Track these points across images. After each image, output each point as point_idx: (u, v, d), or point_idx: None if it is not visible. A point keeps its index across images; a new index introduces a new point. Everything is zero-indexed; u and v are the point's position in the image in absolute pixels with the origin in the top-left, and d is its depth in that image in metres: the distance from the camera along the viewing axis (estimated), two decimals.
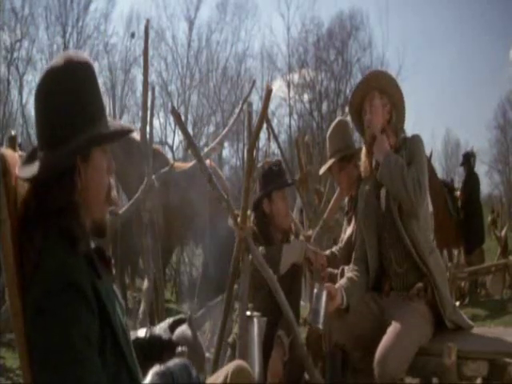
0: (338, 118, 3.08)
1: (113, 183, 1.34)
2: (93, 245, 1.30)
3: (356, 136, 3.21)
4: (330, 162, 2.92)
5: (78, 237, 1.19)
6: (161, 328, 1.51)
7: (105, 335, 1.16)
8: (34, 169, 1.22)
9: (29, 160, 1.27)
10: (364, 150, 2.51)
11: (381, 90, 2.43)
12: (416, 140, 2.40)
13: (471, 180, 7.60)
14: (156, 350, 1.47)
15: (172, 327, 1.54)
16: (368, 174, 2.49)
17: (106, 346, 1.16)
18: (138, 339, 1.46)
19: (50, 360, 1.08)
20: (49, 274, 1.12)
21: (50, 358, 1.08)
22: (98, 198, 1.28)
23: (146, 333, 1.51)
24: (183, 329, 1.50)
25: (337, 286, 2.34)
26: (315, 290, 2.26)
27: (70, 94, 1.23)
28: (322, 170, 3.08)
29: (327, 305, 2.22)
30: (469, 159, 7.70)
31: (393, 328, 2.15)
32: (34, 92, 1.28)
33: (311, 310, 2.27)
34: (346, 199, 3.09)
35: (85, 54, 1.30)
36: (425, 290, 2.29)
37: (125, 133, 1.34)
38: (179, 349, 1.43)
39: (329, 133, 2.99)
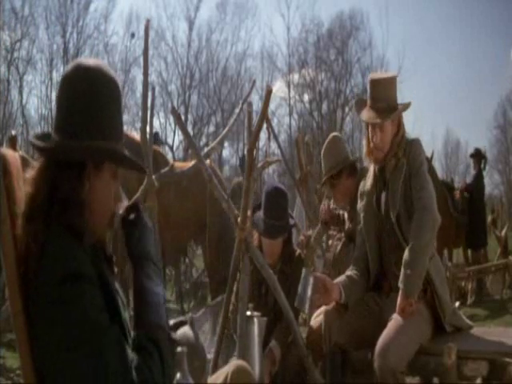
0: (331, 135, 3.16)
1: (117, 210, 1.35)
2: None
3: (356, 138, 3.29)
4: (323, 180, 3.06)
5: (82, 230, 1.20)
6: None
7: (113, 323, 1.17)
8: (47, 144, 1.24)
9: (42, 138, 1.29)
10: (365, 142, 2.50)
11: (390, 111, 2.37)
12: (415, 145, 2.38)
13: (477, 181, 7.66)
14: None
15: (174, 329, 1.54)
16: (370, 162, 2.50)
17: None
18: None
19: (70, 345, 1.08)
20: (53, 265, 1.13)
21: (69, 342, 1.08)
22: (102, 216, 1.29)
23: None
24: (185, 330, 1.50)
25: (336, 281, 2.35)
26: (302, 275, 2.29)
27: (98, 101, 1.25)
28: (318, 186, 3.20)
29: (314, 291, 2.24)
30: (480, 159, 7.73)
31: (393, 322, 2.16)
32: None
33: (297, 296, 2.29)
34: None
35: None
36: (424, 291, 2.29)
37: (138, 167, 1.36)
38: (179, 349, 1.43)
39: (322, 151, 3.07)
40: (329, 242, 3.20)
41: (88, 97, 1.25)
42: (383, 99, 2.38)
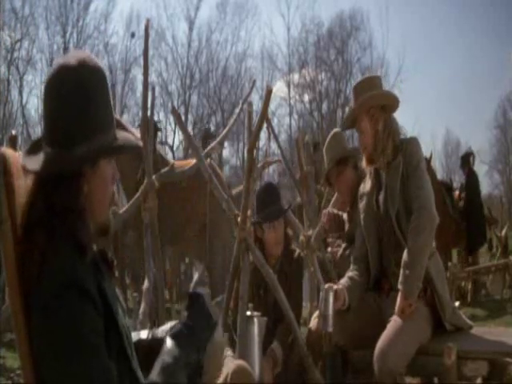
0: (333, 131, 3.14)
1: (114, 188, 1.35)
2: (95, 247, 1.29)
3: (356, 138, 3.26)
4: (327, 169, 2.96)
5: (83, 239, 1.19)
6: (163, 330, 1.51)
7: (110, 336, 1.16)
8: (38, 163, 1.21)
9: (33, 150, 1.26)
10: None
11: (367, 111, 2.40)
12: (412, 143, 2.38)
13: (471, 180, 7.62)
14: (158, 352, 1.47)
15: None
16: (368, 174, 2.49)
17: (111, 348, 1.16)
18: (140, 341, 1.46)
19: (60, 357, 1.08)
20: (53, 275, 1.12)
21: (60, 355, 1.08)
22: (103, 204, 1.29)
23: (149, 335, 1.50)
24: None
25: (340, 286, 2.34)
26: (321, 294, 2.25)
27: (83, 97, 1.21)
28: (322, 181, 3.12)
29: (334, 307, 2.22)
30: (468, 159, 7.71)
31: (392, 324, 2.16)
32: (43, 87, 1.25)
33: (320, 316, 2.25)
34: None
35: (96, 59, 1.27)
36: (424, 290, 2.29)
37: (134, 148, 1.35)
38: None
39: (325, 147, 3.05)
40: (327, 249, 3.16)
41: (71, 99, 1.20)
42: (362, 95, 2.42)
